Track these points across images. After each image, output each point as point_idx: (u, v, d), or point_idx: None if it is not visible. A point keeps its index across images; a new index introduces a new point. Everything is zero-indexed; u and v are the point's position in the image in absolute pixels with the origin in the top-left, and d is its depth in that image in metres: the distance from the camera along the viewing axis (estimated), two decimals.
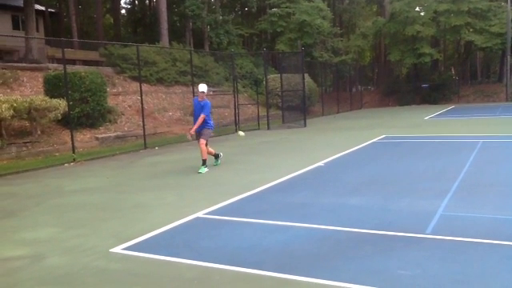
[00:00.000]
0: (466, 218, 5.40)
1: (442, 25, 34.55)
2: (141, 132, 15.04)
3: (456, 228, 5.00)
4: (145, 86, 15.85)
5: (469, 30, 33.67)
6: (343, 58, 35.68)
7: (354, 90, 40.36)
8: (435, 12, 33.94)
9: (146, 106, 16.28)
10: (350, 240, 4.83)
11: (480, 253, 4.29)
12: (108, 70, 21.29)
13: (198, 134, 9.83)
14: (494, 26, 33.06)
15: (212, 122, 10.01)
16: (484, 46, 33.57)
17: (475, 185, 7.15)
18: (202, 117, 9.64)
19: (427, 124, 18.91)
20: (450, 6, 32.88)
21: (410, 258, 4.21)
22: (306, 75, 23.75)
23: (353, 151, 11.70)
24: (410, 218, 5.48)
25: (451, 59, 45.37)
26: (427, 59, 34.00)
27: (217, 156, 10.29)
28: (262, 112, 21.32)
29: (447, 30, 34.44)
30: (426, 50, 33.60)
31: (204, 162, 9.63)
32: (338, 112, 30.05)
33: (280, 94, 22.50)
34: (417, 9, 35.42)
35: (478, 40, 33.12)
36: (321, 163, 9.91)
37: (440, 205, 5.98)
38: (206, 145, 9.83)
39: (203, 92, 9.69)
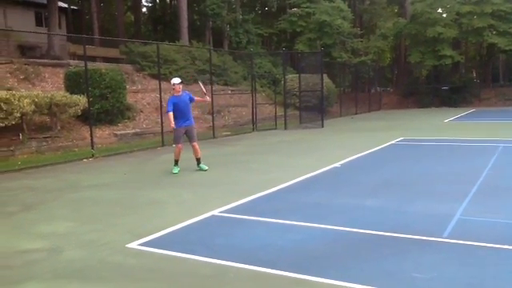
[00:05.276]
0: (485, 222, 5.33)
1: (465, 27, 33.98)
2: (159, 129, 15.14)
3: (474, 232, 4.93)
4: (164, 84, 15.93)
5: (492, 33, 33.09)
6: (363, 58, 35.43)
7: (372, 91, 40.05)
8: (457, 14, 33.46)
9: (164, 104, 16.36)
10: (365, 241, 4.80)
11: (497, 258, 4.23)
12: (128, 67, 21.49)
13: (189, 133, 9.71)
14: None
15: None
16: (507, 48, 32.98)
17: (495, 189, 7.04)
18: (202, 99, 10.30)
19: (447, 127, 18.68)
20: (472, 8, 32.40)
21: (425, 260, 4.16)
22: (325, 75, 23.64)
23: (370, 153, 11.62)
24: (426, 221, 5.42)
25: (472, 61, 44.69)
26: (448, 61, 33.52)
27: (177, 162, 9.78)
28: (280, 112, 21.29)
29: (469, 32, 33.91)
30: (447, 51, 33.13)
31: (199, 160, 9.80)
32: (356, 113, 29.85)
33: (298, 94, 22.45)
34: (439, 10, 34.96)
35: (501, 42, 32.55)
36: (337, 164, 9.86)
37: (458, 208, 5.90)
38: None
39: (178, 84, 9.61)
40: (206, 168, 9.66)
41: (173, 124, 9.38)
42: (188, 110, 9.68)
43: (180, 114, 9.53)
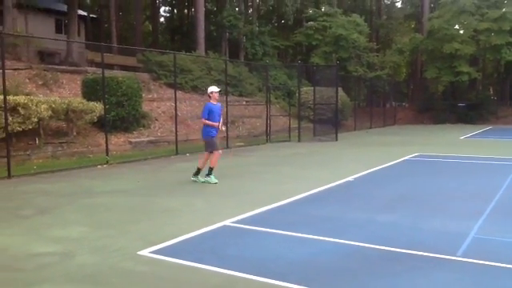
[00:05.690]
0: (500, 242, 5.24)
1: (482, 43, 33.75)
2: (173, 138, 15.22)
3: (489, 252, 4.85)
4: (179, 93, 16.07)
5: (510, 50, 32.78)
6: (378, 73, 35.31)
7: (387, 105, 39.85)
8: (475, 30, 33.26)
9: (179, 113, 16.48)
10: (378, 257, 4.74)
11: None
12: (144, 75, 21.70)
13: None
14: None
15: None
16: None
17: (511, 208, 6.93)
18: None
19: (463, 144, 18.49)
20: (490, 25, 32.15)
21: (438, 279, 4.10)
22: (340, 89, 23.61)
23: (384, 168, 11.54)
24: (440, 239, 5.35)
25: (490, 78, 44.28)
26: (465, 78, 33.24)
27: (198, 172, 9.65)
28: (294, 124, 21.29)
29: (487, 49, 33.64)
30: (464, 68, 32.87)
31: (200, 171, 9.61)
32: (370, 127, 29.72)
33: (312, 106, 22.43)
34: (456, 26, 34.78)
35: None
36: (350, 178, 9.80)
37: (473, 227, 5.82)
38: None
39: (217, 92, 9.53)
40: (203, 180, 9.44)
41: (217, 125, 9.34)
42: (220, 119, 9.59)
43: (214, 121, 9.44)
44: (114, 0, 33.19)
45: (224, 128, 9.96)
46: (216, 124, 9.38)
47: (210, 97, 9.58)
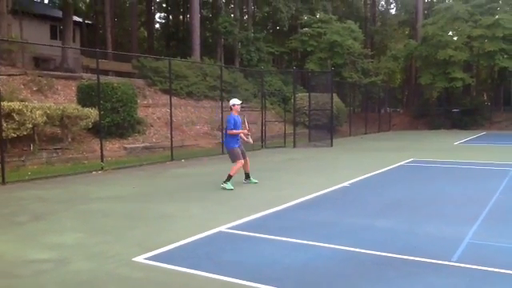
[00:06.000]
0: (495, 247, 5.27)
1: (476, 50, 34.04)
2: (168, 144, 15.21)
3: (483, 257, 4.88)
4: (175, 99, 16.06)
5: (503, 57, 33.07)
6: (373, 79, 35.49)
7: (382, 111, 40.00)
8: (469, 37, 33.52)
9: (174, 119, 16.47)
10: (374, 263, 4.76)
11: (508, 284, 4.17)
12: (140, 81, 21.69)
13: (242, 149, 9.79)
14: None
15: None
16: None
17: (505, 213, 6.98)
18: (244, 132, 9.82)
19: (457, 149, 18.57)
20: (484, 32, 32.43)
21: (433, 284, 4.12)
22: (335, 95, 23.70)
23: (379, 173, 11.57)
24: (436, 244, 5.37)
25: (484, 84, 44.54)
26: (459, 84, 33.46)
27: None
28: (289, 130, 21.33)
29: (481, 56, 33.90)
30: (458, 74, 33.10)
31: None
32: (365, 133, 29.81)
33: (307, 112, 22.49)
34: (450, 33, 35.04)
35: None
36: (346, 183, 9.83)
37: (468, 232, 5.85)
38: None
39: (239, 104, 9.87)
40: (255, 181, 9.91)
41: (245, 131, 9.72)
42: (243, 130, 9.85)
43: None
44: (109, 6, 33.22)
45: (251, 140, 10.20)
46: (245, 131, 9.73)
47: (231, 109, 9.79)
